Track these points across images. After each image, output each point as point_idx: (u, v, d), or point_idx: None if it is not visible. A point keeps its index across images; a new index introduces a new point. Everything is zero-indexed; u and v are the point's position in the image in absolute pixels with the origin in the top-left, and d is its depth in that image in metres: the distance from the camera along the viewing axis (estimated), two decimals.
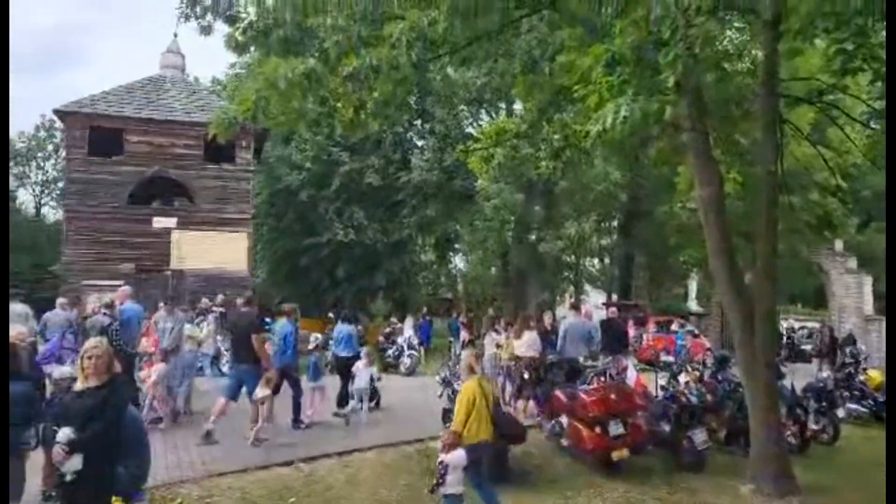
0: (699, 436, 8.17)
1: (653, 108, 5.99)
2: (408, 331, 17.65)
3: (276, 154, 25.02)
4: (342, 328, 11.31)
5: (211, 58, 53.16)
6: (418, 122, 26.37)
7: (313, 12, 8.46)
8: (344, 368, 10.87)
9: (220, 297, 17.86)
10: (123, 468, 5.11)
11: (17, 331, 6.95)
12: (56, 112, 19.77)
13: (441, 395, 10.02)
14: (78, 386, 5.02)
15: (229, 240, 20.12)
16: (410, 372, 16.38)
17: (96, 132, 19.57)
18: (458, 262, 38.66)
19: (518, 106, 21.29)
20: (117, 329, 9.57)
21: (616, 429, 7.84)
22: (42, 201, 46.16)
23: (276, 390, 9.60)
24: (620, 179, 20.90)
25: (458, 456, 5.89)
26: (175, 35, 22.34)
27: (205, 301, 17.29)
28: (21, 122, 60.91)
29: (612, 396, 8.09)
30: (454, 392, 8.93)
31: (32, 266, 38.83)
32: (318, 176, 24.43)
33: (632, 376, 9.46)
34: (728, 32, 9.00)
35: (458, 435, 5.98)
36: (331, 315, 20.07)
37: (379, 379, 11.39)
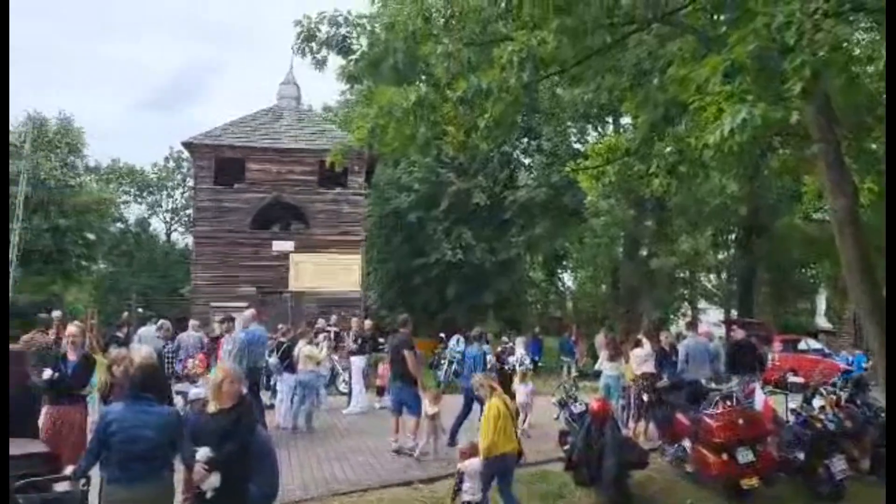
0: (838, 464, 7.63)
1: (776, 115, 5.73)
2: (519, 350, 17.52)
3: (385, 177, 25.70)
4: (471, 350, 11.38)
5: (323, 86, 55.43)
6: (525, 139, 26.39)
7: (424, 40, 8.69)
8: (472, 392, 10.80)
9: (333, 318, 18.48)
10: (255, 486, 5.37)
11: (146, 351, 7.44)
12: (185, 144, 21.21)
13: (557, 418, 9.87)
14: (212, 408, 5.32)
15: (343, 262, 20.81)
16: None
17: (221, 162, 20.85)
18: (567, 279, 38.22)
19: (626, 119, 20.90)
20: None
21: (745, 455, 7.45)
22: (172, 228, 49.40)
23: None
24: (738, 192, 20.03)
25: (474, 465, 6.61)
26: (291, 67, 23.48)
27: (321, 322, 17.92)
28: (153, 155, 65.71)
29: (740, 421, 7.70)
30: (572, 415, 8.78)
31: (165, 289, 41.64)
32: (426, 197, 24.87)
33: (759, 400, 8.97)
34: (857, 35, 8.49)
35: (475, 446, 6.69)
36: (441, 335, 20.27)
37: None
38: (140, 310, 28.22)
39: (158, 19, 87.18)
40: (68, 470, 4.71)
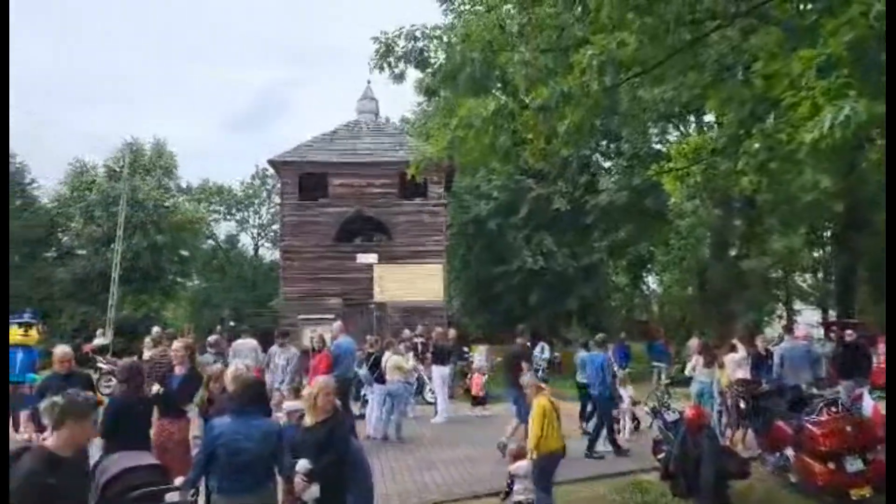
0: None
1: (880, 109, 5.45)
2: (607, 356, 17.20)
3: (464, 185, 25.83)
4: (595, 355, 11.34)
5: (401, 98, 56.21)
6: (604, 143, 25.99)
7: (500, 49, 8.72)
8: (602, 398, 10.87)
9: (419, 328, 18.67)
10: (352, 496, 5.50)
11: (242, 364, 7.72)
12: (270, 162, 21.96)
13: (651, 426, 9.65)
14: (308, 420, 5.48)
15: (426, 272, 21.02)
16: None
17: (305, 178, 21.49)
18: (652, 282, 37.31)
19: (709, 117, 20.27)
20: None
21: (854, 464, 7.09)
22: (259, 243, 51.11)
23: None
24: (832, 187, 19.07)
25: (523, 466, 6.97)
26: (368, 82, 23.97)
27: (406, 332, 18.13)
28: (241, 173, 68.27)
29: (848, 428, 7.33)
30: (665, 423, 8.57)
31: (255, 303, 43.14)
32: (505, 204, 24.83)
33: (868, 405, 8.51)
34: None
35: (524, 448, 7.04)
36: (527, 343, 20.13)
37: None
38: (232, 323, 29.32)
39: (240, 44, 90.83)
40: (178, 481, 4.94)
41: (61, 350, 7.06)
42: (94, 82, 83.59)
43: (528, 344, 19.60)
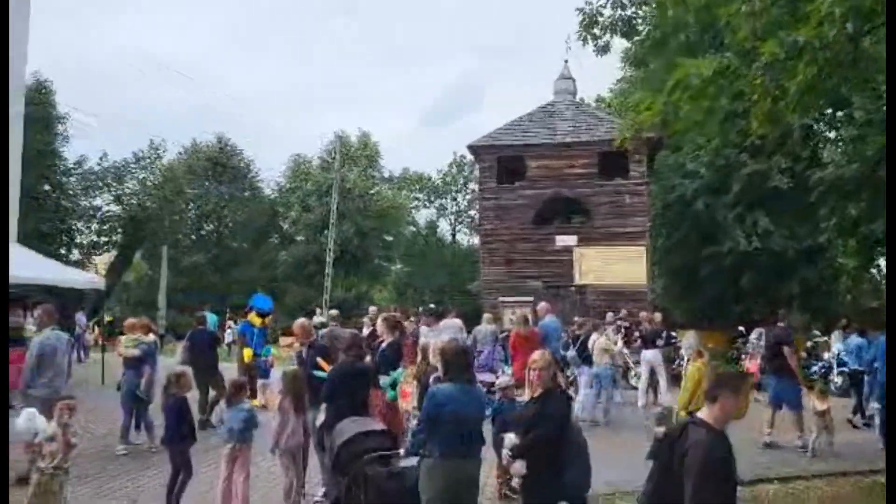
0: None
1: None
2: (836, 345, 15.50)
3: (667, 164, 24.52)
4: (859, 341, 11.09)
5: (597, 79, 54.88)
6: (829, 110, 23.33)
7: (722, 5, 8.01)
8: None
9: (623, 312, 18.06)
10: (569, 476, 5.28)
11: (448, 338, 7.77)
12: (469, 147, 22.28)
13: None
14: (524, 396, 5.36)
15: (628, 254, 20.25)
16: (843, 393, 14.35)
17: (502, 161, 21.57)
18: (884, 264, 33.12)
19: None
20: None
21: None
22: (457, 229, 52.57)
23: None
24: None
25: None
26: (566, 61, 23.50)
27: (609, 315, 17.60)
28: (438, 162, 70.65)
29: None
30: None
31: (454, 287, 44.48)
32: (714, 182, 23.21)
33: None
34: None
35: (671, 411, 7.34)
36: (740, 329, 18.74)
37: None
38: (432, 305, 30.41)
39: (432, 41, 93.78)
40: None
41: (305, 322, 7.68)
42: (307, 89, 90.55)
43: (744, 330, 18.38)
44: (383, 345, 7.49)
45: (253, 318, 13.49)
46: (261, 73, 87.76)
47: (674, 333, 17.91)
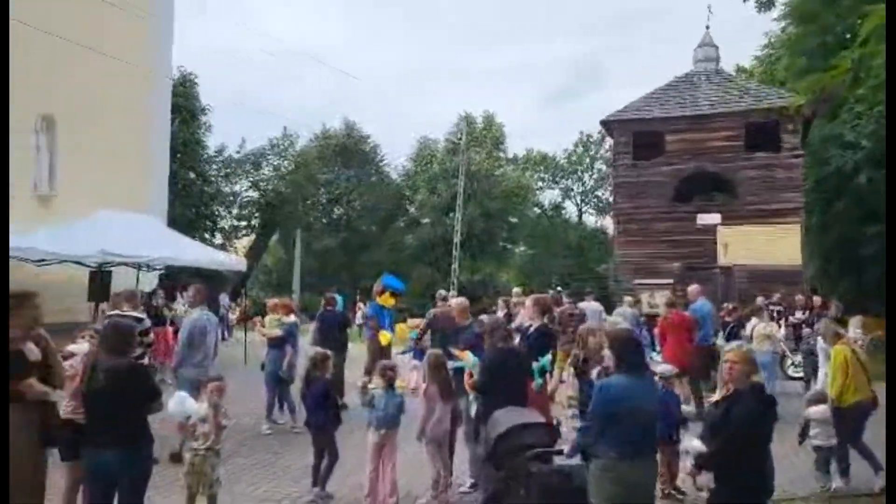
0: None
1: None
2: None
3: (822, 135, 22.39)
4: None
5: (732, 48, 51.27)
6: None
7: None
8: None
9: (776, 296, 16.64)
10: (754, 482, 4.57)
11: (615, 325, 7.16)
12: (603, 122, 21.30)
13: None
14: (715, 395, 4.72)
15: (779, 232, 18.67)
16: None
17: (639, 136, 20.44)
18: None
19: None
20: None
21: None
22: (583, 210, 51.14)
23: None
24: None
25: (820, 411, 6.65)
26: (707, 27, 21.93)
27: (759, 299, 16.27)
28: (562, 143, 69.13)
29: None
30: None
31: (580, 269, 43.33)
32: (877, 153, 20.90)
33: None
34: None
35: (824, 394, 6.91)
36: None
37: None
38: (558, 288, 29.62)
39: (554, 17, 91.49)
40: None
41: (465, 302, 7.38)
42: (431, 73, 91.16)
43: None
44: (531, 329, 7.00)
45: (386, 298, 13.41)
46: (385, 59, 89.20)
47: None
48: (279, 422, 9.36)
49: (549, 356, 6.92)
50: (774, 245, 18.52)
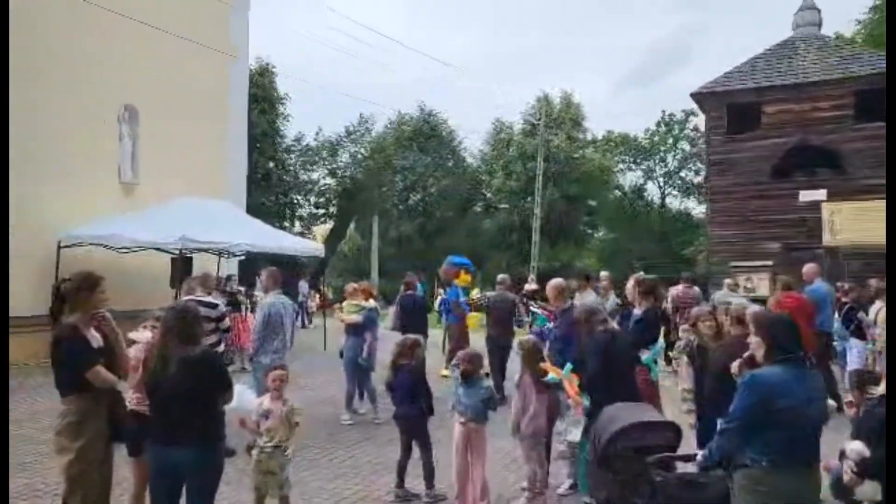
0: None
1: None
2: None
3: None
4: None
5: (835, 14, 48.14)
6: None
7: None
8: None
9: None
10: None
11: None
12: (693, 96, 19.98)
13: None
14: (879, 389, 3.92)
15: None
16: None
17: (734, 109, 19.08)
18: None
19: None
20: None
21: None
22: (666, 192, 49.19)
23: None
24: None
25: None
26: None
27: (873, 281, 14.85)
28: (643, 124, 66.87)
29: None
30: None
31: (663, 253, 41.73)
32: None
33: None
34: None
35: None
36: None
37: None
38: (642, 273, 28.31)
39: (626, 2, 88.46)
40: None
41: (558, 283, 6.79)
42: (506, 57, 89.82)
43: None
44: (636, 313, 6.27)
45: (463, 277, 12.95)
46: (465, 44, 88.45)
47: None
48: (360, 412, 8.95)
49: (660, 343, 6.20)
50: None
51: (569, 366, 5.44)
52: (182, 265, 12.46)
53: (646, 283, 6.44)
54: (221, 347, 7.12)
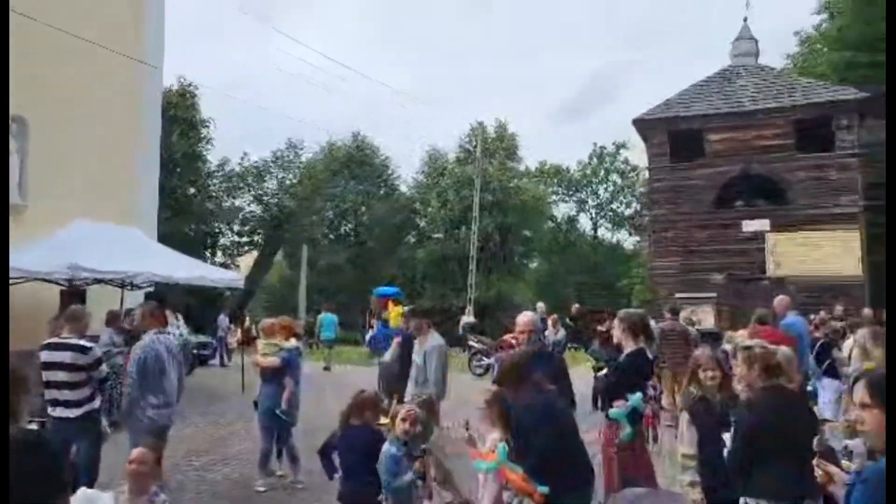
0: None
1: None
2: None
3: (879, 132, 20.55)
4: None
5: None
6: None
7: None
8: None
9: (838, 308, 14.74)
10: None
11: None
12: (636, 122, 19.49)
13: None
14: None
15: (836, 240, 16.75)
16: None
17: (676, 136, 18.65)
18: None
19: None
20: None
21: None
22: (598, 223, 49.30)
23: None
24: None
25: None
26: (745, 20, 20.21)
27: (821, 314, 14.37)
28: (578, 154, 67.43)
29: None
30: None
31: (596, 285, 41.51)
32: None
33: None
34: None
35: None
36: None
37: None
38: (577, 305, 27.65)
39: (561, 35, 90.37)
40: None
41: (533, 316, 5.63)
42: (439, 86, 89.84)
43: None
44: (622, 355, 5.13)
45: (392, 308, 11.83)
46: (394, 71, 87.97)
47: None
48: (277, 473, 7.49)
49: (639, 394, 5.06)
50: (831, 254, 16.61)
51: (501, 446, 4.09)
52: (72, 299, 10.71)
53: (631, 318, 5.28)
54: (97, 403, 5.62)
